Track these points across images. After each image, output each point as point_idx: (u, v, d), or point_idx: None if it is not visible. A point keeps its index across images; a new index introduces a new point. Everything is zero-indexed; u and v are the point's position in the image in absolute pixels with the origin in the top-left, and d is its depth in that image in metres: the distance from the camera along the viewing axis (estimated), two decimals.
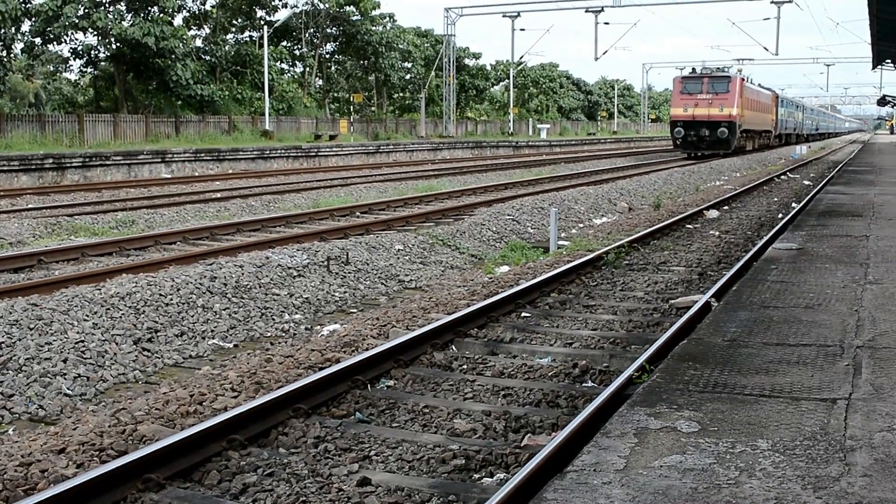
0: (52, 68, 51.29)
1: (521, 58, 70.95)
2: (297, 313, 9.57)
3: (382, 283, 11.23)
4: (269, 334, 8.85)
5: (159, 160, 30.36)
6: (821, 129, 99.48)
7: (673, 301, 9.58)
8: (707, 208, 19.50)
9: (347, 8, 54.94)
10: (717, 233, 15.85)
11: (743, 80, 44.27)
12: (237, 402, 6.11)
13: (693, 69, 45.10)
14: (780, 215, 18.28)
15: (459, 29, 72.35)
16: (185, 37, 42.94)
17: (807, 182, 29.13)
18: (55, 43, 41.03)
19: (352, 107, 60.63)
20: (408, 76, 66.38)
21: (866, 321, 6.44)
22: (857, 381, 4.98)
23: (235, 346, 8.41)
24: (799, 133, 75.09)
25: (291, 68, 57.86)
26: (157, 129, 36.34)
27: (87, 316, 7.99)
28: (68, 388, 6.77)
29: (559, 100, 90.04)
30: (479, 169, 34.15)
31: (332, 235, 13.95)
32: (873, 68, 50.90)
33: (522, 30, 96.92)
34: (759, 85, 53.39)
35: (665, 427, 4.24)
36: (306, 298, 10.00)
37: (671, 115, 45.08)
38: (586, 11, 53.03)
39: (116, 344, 7.67)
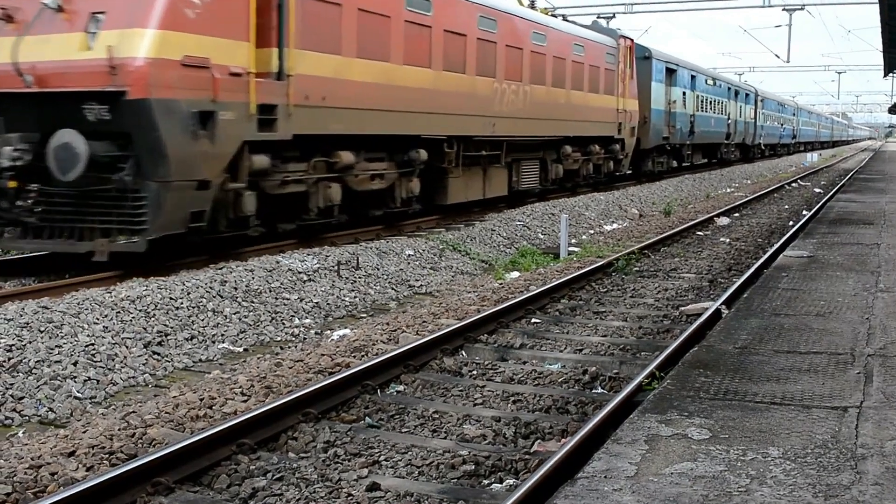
0: None
1: None
2: (307, 318, 9.57)
3: (393, 289, 11.23)
4: (279, 339, 8.86)
5: None
6: (803, 136, 71.08)
7: (683, 308, 9.56)
8: (717, 215, 19.46)
9: None
10: (727, 240, 15.81)
11: None
12: (247, 406, 6.12)
13: None
14: (790, 223, 18.22)
15: None
16: None
17: (818, 190, 29.06)
18: None
19: None
20: None
21: (877, 329, 6.41)
22: (868, 389, 4.96)
23: (245, 350, 8.42)
24: (749, 143, 46.00)
25: None
26: None
27: (98, 319, 8.00)
28: (78, 391, 6.78)
29: None
30: None
31: (342, 240, 13.95)
32: (885, 76, 50.75)
33: None
34: (563, 17, 21.98)
35: (676, 434, 4.23)
36: (316, 303, 10.01)
37: None
38: (598, 17, 52.99)
39: (126, 347, 7.68)
